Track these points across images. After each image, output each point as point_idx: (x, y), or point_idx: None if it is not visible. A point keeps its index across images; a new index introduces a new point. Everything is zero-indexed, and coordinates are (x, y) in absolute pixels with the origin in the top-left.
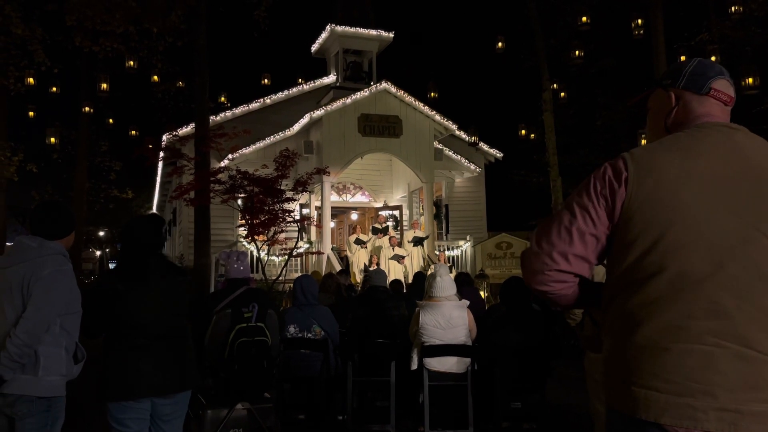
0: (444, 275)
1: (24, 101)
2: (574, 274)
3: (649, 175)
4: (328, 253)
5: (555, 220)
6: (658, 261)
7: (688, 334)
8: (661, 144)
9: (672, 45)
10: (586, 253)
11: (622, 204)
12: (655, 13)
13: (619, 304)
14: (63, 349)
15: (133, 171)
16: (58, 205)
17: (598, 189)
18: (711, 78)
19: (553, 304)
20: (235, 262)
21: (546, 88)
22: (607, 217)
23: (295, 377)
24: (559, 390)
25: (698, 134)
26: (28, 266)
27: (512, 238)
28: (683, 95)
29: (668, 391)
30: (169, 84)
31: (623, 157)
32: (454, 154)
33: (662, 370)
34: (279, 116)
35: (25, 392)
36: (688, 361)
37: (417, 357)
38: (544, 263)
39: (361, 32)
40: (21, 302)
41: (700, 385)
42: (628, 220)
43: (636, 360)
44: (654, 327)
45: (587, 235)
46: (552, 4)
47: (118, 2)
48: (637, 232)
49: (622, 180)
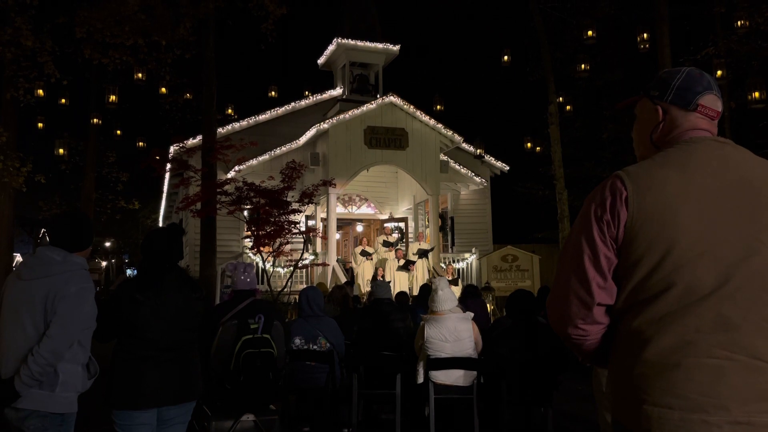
0: (444, 288)
1: (34, 112)
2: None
3: (648, 193)
4: (334, 265)
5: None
6: (666, 278)
7: (698, 349)
8: (654, 161)
9: (678, 59)
10: (609, 283)
11: (625, 224)
12: (661, 26)
13: (627, 323)
14: (80, 366)
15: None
16: (80, 216)
17: (599, 215)
18: (698, 93)
19: (584, 355)
20: (242, 273)
21: (552, 101)
22: (613, 241)
23: (301, 389)
24: (566, 403)
25: (690, 149)
26: (52, 281)
27: (518, 250)
28: (670, 110)
29: (682, 407)
30: (176, 96)
31: (619, 177)
32: (460, 167)
33: (674, 386)
34: (286, 128)
35: (40, 408)
36: (699, 375)
37: (423, 370)
38: (572, 305)
39: (367, 45)
40: (42, 318)
41: (713, 399)
42: (632, 239)
43: (647, 377)
44: (663, 343)
45: (602, 259)
46: (558, 18)
47: (128, 15)
48: (642, 251)
49: (623, 200)
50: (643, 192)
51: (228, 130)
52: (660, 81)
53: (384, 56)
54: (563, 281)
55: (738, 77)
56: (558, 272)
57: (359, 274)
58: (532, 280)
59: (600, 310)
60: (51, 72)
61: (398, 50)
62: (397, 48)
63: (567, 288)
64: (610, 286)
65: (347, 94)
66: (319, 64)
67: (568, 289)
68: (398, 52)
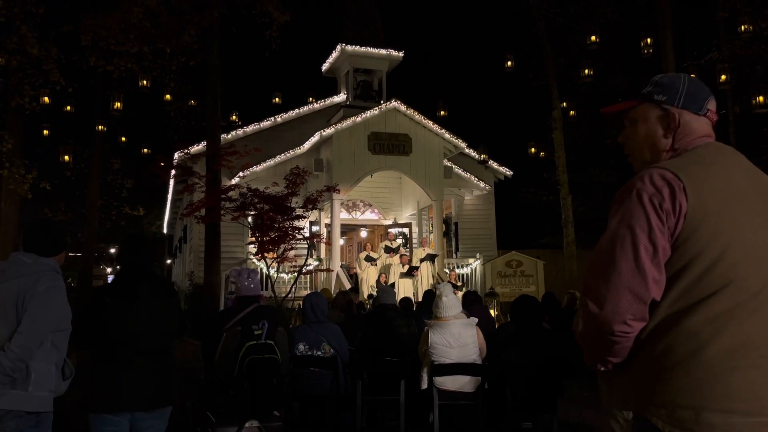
0: (448, 294)
1: (39, 120)
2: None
3: (704, 186)
4: (338, 271)
5: (615, 252)
6: (724, 275)
7: (754, 350)
8: (687, 159)
9: (681, 64)
10: (663, 277)
11: (686, 216)
12: (664, 32)
13: (676, 321)
14: (53, 365)
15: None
16: (50, 223)
17: (656, 203)
18: (705, 99)
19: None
20: (246, 279)
21: (555, 107)
22: (670, 232)
23: (305, 395)
24: (571, 409)
25: (718, 151)
26: (23, 281)
27: (522, 256)
28: (682, 114)
29: (747, 411)
30: (181, 103)
31: (666, 168)
32: (464, 172)
33: (735, 389)
34: (290, 134)
35: (15, 407)
36: (759, 377)
37: (427, 376)
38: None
39: (371, 51)
40: (15, 317)
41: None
42: (692, 233)
43: (706, 381)
44: (722, 345)
45: (659, 250)
46: (561, 23)
47: (133, 23)
48: (701, 246)
49: (682, 190)
50: (699, 186)
51: (232, 136)
52: (664, 86)
53: (387, 62)
54: (611, 274)
55: (741, 82)
56: (599, 265)
57: (364, 279)
58: (537, 285)
59: (646, 308)
60: (56, 79)
61: (402, 56)
62: (401, 54)
63: (618, 281)
64: (663, 281)
65: (351, 100)
66: (323, 71)
67: (620, 283)
68: (402, 58)
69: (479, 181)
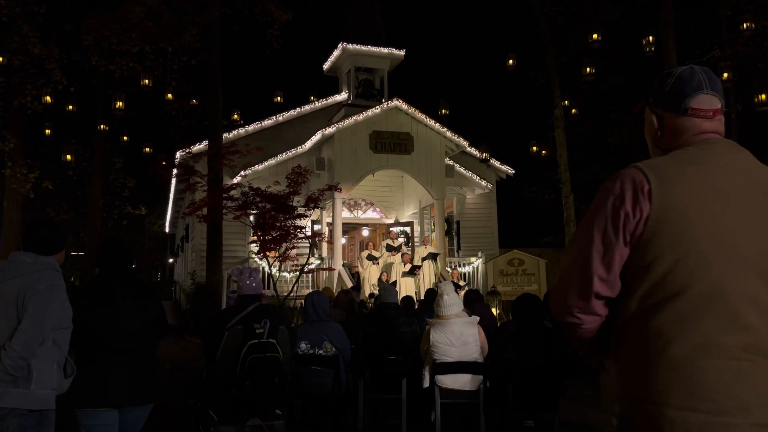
0: (450, 293)
1: (41, 119)
2: (605, 300)
3: (673, 188)
4: (340, 270)
5: (574, 250)
6: (687, 277)
7: (720, 350)
8: (673, 157)
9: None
10: (612, 276)
11: (647, 219)
12: (666, 30)
13: (644, 321)
14: (55, 363)
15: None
16: (50, 222)
17: (617, 206)
18: (688, 96)
19: (578, 342)
20: (248, 278)
21: (557, 105)
22: (630, 235)
23: (307, 394)
24: (573, 408)
25: (708, 149)
26: (23, 281)
27: (524, 254)
28: (664, 116)
29: (707, 410)
30: (183, 102)
31: (639, 168)
32: (466, 171)
33: (698, 388)
34: (291, 133)
35: (17, 405)
36: (722, 377)
37: (429, 375)
38: (570, 296)
39: (372, 50)
40: (15, 316)
41: (735, 402)
42: (653, 235)
43: (669, 379)
44: (687, 344)
45: (612, 252)
46: (563, 22)
47: (135, 22)
48: (664, 248)
49: (646, 193)
50: (667, 187)
51: (234, 135)
52: (654, 87)
53: (389, 61)
54: (567, 269)
55: (744, 80)
56: (565, 260)
57: (366, 278)
58: (539, 284)
59: (599, 303)
60: (58, 79)
61: (403, 55)
62: (402, 53)
63: (569, 277)
64: (613, 279)
65: (352, 99)
66: (325, 70)
67: (570, 279)
68: (403, 56)
69: (481, 180)
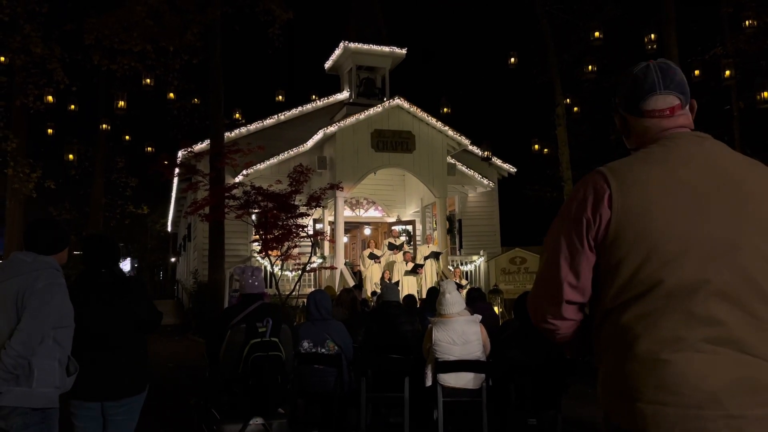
0: (452, 291)
1: (43, 119)
2: (578, 305)
3: (631, 190)
4: (342, 268)
5: (543, 259)
6: (652, 275)
7: (687, 344)
8: (636, 157)
9: (686, 59)
10: (582, 282)
11: (608, 223)
12: (668, 28)
13: (614, 320)
14: (56, 361)
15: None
16: (51, 222)
17: (579, 214)
18: (641, 99)
19: (560, 345)
20: (250, 277)
21: (559, 103)
22: (593, 240)
23: (309, 393)
24: (575, 406)
25: (671, 144)
26: (22, 279)
27: (526, 253)
28: (628, 118)
29: (676, 403)
30: (184, 101)
31: (602, 174)
32: (467, 169)
33: (666, 382)
34: (293, 132)
35: (20, 404)
36: (690, 370)
37: (431, 373)
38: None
39: (374, 49)
40: (15, 315)
41: (705, 394)
42: (616, 238)
43: (638, 374)
44: (653, 339)
45: (578, 258)
46: (565, 20)
47: (136, 22)
48: (626, 249)
49: (605, 199)
50: (626, 189)
51: (235, 134)
52: (619, 88)
53: (390, 60)
54: (538, 277)
55: (746, 77)
56: (538, 267)
57: (368, 277)
58: None
59: (570, 308)
60: (60, 78)
61: (405, 53)
62: (404, 51)
63: (541, 285)
64: (583, 285)
65: (354, 98)
66: (326, 68)
67: (542, 286)
68: (405, 55)
69: (483, 178)
